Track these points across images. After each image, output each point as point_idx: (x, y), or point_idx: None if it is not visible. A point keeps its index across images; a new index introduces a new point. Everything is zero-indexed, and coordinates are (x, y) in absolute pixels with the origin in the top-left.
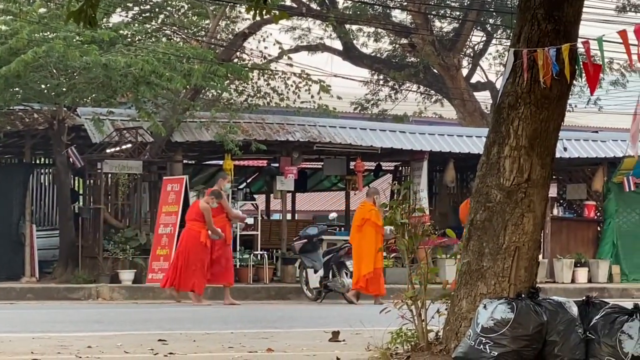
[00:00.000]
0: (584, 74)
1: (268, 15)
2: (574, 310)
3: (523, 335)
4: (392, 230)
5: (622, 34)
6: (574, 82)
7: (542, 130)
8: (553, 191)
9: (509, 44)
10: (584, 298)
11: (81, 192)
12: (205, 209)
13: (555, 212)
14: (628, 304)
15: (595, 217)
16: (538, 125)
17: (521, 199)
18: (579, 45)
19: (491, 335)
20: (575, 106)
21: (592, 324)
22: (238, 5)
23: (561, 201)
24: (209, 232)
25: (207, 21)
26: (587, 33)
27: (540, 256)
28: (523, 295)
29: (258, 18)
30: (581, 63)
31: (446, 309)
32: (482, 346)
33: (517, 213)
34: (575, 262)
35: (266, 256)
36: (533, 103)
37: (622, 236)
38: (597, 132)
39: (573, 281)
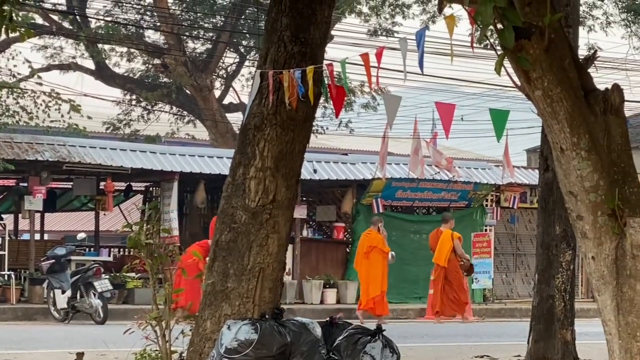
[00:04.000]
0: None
1: (15, 33)
2: (318, 331)
3: (267, 356)
4: (393, 256)
5: (364, 56)
6: (326, 104)
7: (288, 151)
8: (303, 212)
9: None
10: (328, 319)
11: None
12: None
13: (304, 233)
14: (373, 325)
15: (345, 239)
16: (284, 146)
17: (266, 220)
18: (325, 67)
19: (235, 356)
20: (327, 128)
21: (335, 344)
22: None
23: (311, 222)
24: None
25: None
26: (340, 56)
27: (290, 277)
28: (267, 316)
29: (4, 36)
30: (327, 85)
31: (191, 330)
32: None
33: (262, 234)
34: (324, 283)
35: (13, 276)
36: (279, 124)
37: None
38: (346, 154)
39: (322, 302)
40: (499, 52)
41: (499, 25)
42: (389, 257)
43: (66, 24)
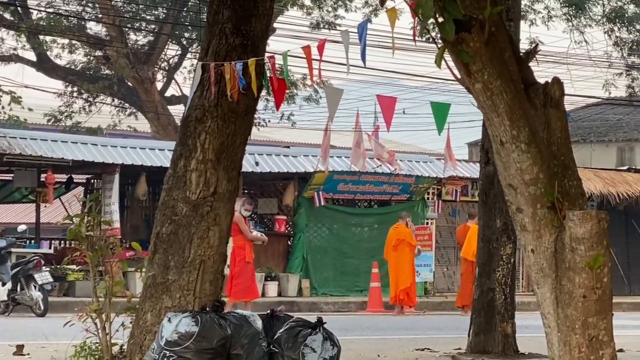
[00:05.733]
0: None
1: None
2: (258, 323)
3: (207, 348)
4: (419, 250)
5: (306, 49)
6: (268, 97)
7: (229, 144)
8: None
9: None
10: (269, 311)
11: None
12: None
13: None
14: (315, 318)
15: (286, 232)
16: (225, 139)
17: (207, 212)
18: (266, 60)
19: (175, 349)
20: (269, 121)
21: (276, 337)
22: None
23: (252, 215)
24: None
25: None
26: (283, 49)
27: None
28: (208, 309)
29: None
30: (268, 78)
31: (131, 322)
32: (166, 359)
33: (203, 226)
34: (265, 276)
35: None
36: (220, 117)
37: (311, 250)
38: (288, 147)
39: (263, 295)
40: (439, 45)
41: (440, 18)
42: (416, 250)
43: (7, 15)
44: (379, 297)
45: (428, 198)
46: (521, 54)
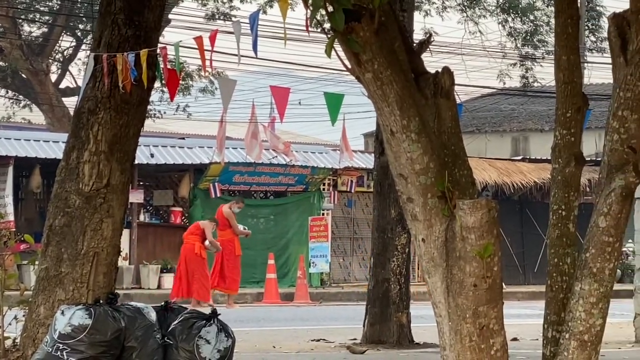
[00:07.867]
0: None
1: None
2: (153, 315)
3: (101, 341)
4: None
5: (198, 40)
6: (164, 88)
7: (122, 135)
8: (139, 197)
9: None
10: (163, 303)
11: None
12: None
13: (141, 218)
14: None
15: (182, 223)
16: (118, 130)
17: (100, 204)
18: (159, 51)
19: (69, 342)
20: (165, 112)
21: (170, 329)
22: None
23: (148, 207)
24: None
25: None
26: (178, 40)
27: (127, 262)
28: (101, 301)
29: None
30: (161, 69)
31: (24, 316)
32: (59, 353)
33: (96, 218)
34: (161, 268)
35: None
36: (113, 108)
37: None
38: (184, 138)
39: (159, 287)
40: (330, 35)
41: (330, 8)
42: None
43: None
44: (275, 289)
45: (324, 189)
46: (414, 45)
